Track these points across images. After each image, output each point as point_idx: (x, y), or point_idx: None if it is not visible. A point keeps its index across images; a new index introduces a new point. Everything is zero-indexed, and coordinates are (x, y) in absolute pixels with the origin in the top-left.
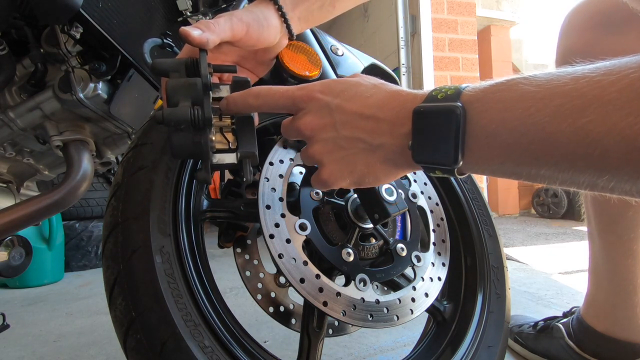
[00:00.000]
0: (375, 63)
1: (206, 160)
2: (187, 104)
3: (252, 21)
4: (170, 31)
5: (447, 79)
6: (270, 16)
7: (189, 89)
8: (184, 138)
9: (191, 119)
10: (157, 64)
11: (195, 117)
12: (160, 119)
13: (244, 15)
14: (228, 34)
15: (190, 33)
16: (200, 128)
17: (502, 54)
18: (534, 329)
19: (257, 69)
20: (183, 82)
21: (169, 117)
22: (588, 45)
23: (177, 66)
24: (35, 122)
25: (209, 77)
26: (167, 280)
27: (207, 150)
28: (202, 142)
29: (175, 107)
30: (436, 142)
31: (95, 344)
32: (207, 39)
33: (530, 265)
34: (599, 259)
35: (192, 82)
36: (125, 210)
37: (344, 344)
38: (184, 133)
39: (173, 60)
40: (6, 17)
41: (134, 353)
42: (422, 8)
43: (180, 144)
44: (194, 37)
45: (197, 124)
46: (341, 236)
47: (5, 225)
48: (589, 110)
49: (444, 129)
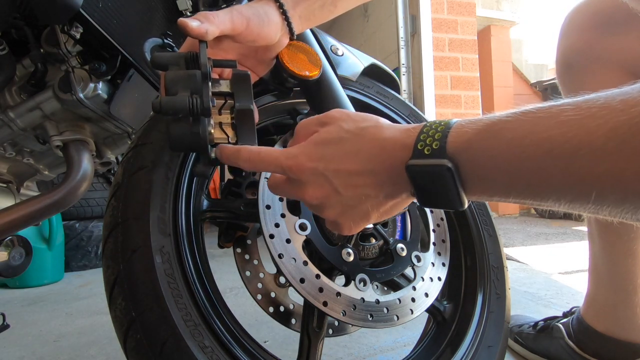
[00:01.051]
0: (375, 63)
1: (204, 152)
2: (186, 93)
3: (253, 16)
4: (170, 31)
5: (447, 79)
6: (271, 13)
7: (188, 80)
8: (182, 128)
9: (189, 107)
10: (156, 57)
11: (193, 106)
12: (158, 107)
13: (245, 10)
14: (228, 26)
15: (189, 24)
16: (199, 118)
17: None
18: (534, 329)
19: (257, 67)
20: (182, 73)
21: (167, 105)
22: (588, 45)
23: (176, 60)
24: (35, 122)
25: (209, 67)
26: (167, 280)
27: (205, 142)
28: (201, 132)
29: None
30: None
31: (95, 344)
32: (206, 30)
33: (530, 265)
34: (599, 259)
35: (191, 73)
36: (125, 210)
37: (344, 344)
38: (182, 123)
39: (173, 54)
40: (6, 17)
41: (134, 353)
42: (422, 8)
43: (178, 135)
44: (193, 27)
45: (195, 113)
46: (341, 236)
47: (5, 225)
48: (579, 156)
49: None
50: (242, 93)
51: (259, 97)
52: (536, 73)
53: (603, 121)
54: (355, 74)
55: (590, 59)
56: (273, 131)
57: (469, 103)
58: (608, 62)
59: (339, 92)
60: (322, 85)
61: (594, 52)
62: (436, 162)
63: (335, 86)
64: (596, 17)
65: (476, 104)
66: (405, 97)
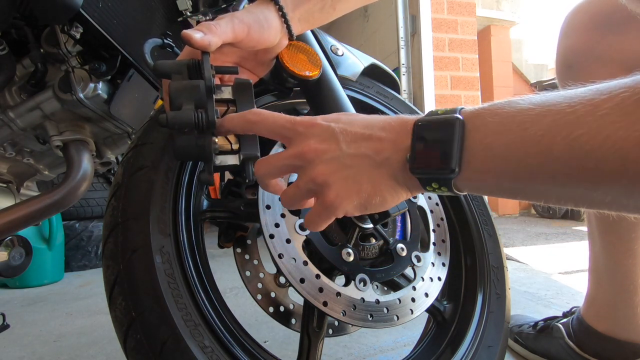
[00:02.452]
0: (375, 63)
1: (209, 162)
2: (191, 107)
3: (253, 22)
4: (170, 31)
5: (447, 79)
6: (271, 17)
7: (192, 91)
8: (187, 141)
9: (195, 122)
10: (159, 65)
11: (199, 121)
12: (164, 123)
13: (245, 17)
14: (230, 36)
15: (193, 36)
16: (204, 131)
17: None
18: (534, 329)
19: (258, 69)
20: (186, 84)
21: (173, 120)
22: (588, 45)
23: (179, 68)
24: (35, 122)
25: (213, 80)
26: (167, 281)
27: (210, 152)
28: (206, 144)
29: (179, 110)
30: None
31: (95, 344)
32: (209, 42)
33: (530, 265)
34: (600, 259)
35: (194, 84)
36: (125, 210)
37: (344, 344)
38: (187, 136)
39: (175, 62)
40: (6, 17)
41: (134, 353)
42: (422, 8)
43: (183, 147)
44: (196, 40)
45: (201, 127)
46: (341, 236)
47: (5, 225)
48: (582, 124)
49: (444, 137)
50: (244, 102)
51: (259, 97)
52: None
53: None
54: (355, 74)
55: (591, 59)
56: None
57: (469, 103)
58: (608, 62)
59: (339, 92)
60: (322, 85)
61: (594, 52)
62: (448, 116)
63: (335, 86)
64: (596, 17)
65: (476, 104)
66: (405, 97)
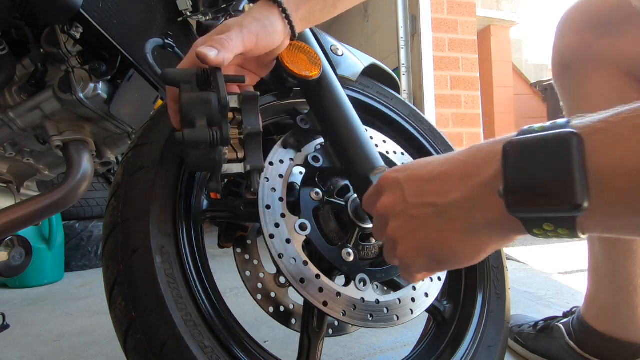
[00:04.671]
0: (375, 63)
1: (219, 172)
2: (204, 123)
3: (261, 31)
4: (170, 31)
5: (447, 79)
6: (275, 20)
7: (204, 105)
8: (200, 155)
9: (210, 140)
10: (167, 74)
11: (214, 139)
12: (181, 140)
13: (253, 26)
14: (240, 49)
15: (208, 55)
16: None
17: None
18: (534, 329)
19: (259, 70)
20: (197, 97)
21: (189, 138)
22: (584, 46)
23: (188, 77)
24: (35, 122)
25: (227, 97)
26: (167, 281)
27: (220, 165)
28: (217, 158)
29: (191, 123)
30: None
31: (95, 344)
32: (224, 59)
33: (530, 265)
34: (599, 259)
35: (206, 98)
36: (125, 210)
37: (344, 344)
38: (200, 151)
39: (183, 70)
40: (6, 17)
41: (134, 353)
42: (422, 8)
43: (196, 160)
44: (212, 59)
45: (215, 144)
46: (341, 236)
47: (5, 225)
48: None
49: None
50: (250, 114)
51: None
52: (536, 73)
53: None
54: (355, 74)
55: (587, 59)
56: (273, 131)
57: (469, 103)
58: (605, 63)
59: (339, 92)
60: (322, 85)
61: (591, 53)
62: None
63: (335, 86)
64: (592, 18)
65: (476, 104)
66: (405, 97)
